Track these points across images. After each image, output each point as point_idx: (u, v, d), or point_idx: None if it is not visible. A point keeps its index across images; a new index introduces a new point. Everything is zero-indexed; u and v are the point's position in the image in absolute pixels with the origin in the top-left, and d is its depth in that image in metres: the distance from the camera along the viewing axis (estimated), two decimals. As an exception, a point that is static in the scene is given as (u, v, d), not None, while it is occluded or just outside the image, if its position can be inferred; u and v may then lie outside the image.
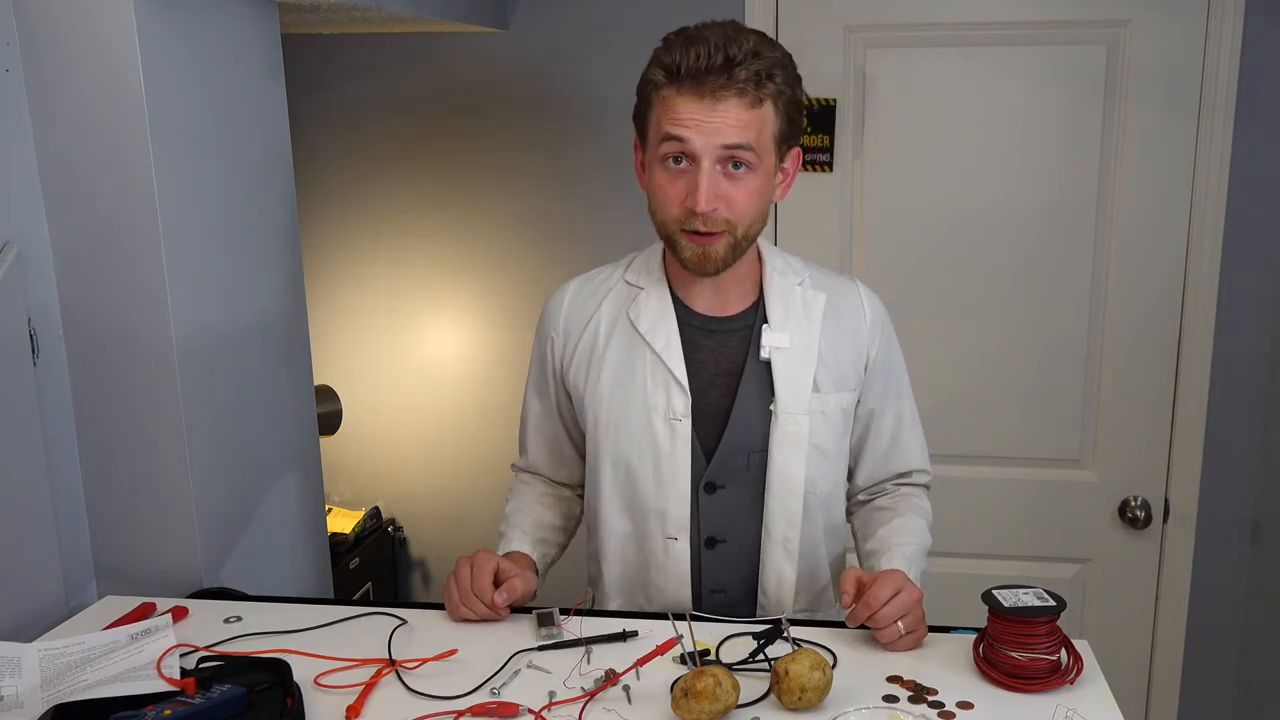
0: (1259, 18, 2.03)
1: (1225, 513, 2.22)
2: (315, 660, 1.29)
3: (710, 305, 1.43)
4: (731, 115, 1.27)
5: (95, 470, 1.56)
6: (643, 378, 1.42)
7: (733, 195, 1.31)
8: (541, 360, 1.53)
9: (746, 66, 1.27)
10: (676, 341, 1.41)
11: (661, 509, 1.42)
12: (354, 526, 2.45)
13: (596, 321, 1.46)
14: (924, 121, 2.18)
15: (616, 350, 1.44)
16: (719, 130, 1.27)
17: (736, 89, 1.27)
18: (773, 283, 1.44)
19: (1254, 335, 2.15)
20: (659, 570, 1.44)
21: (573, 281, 1.52)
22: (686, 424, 1.40)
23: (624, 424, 1.42)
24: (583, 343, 1.47)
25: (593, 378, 1.45)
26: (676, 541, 1.42)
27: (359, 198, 2.46)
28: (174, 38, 1.48)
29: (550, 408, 1.55)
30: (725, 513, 1.43)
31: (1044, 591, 1.25)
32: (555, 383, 1.52)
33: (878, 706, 1.17)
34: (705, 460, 1.41)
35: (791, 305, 1.43)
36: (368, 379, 2.54)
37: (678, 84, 1.29)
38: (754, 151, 1.29)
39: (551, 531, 1.56)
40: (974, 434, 2.28)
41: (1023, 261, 2.20)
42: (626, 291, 1.47)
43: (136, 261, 1.48)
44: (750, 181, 1.31)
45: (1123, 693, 1.71)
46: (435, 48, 2.34)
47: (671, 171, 1.32)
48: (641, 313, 1.43)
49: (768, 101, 1.30)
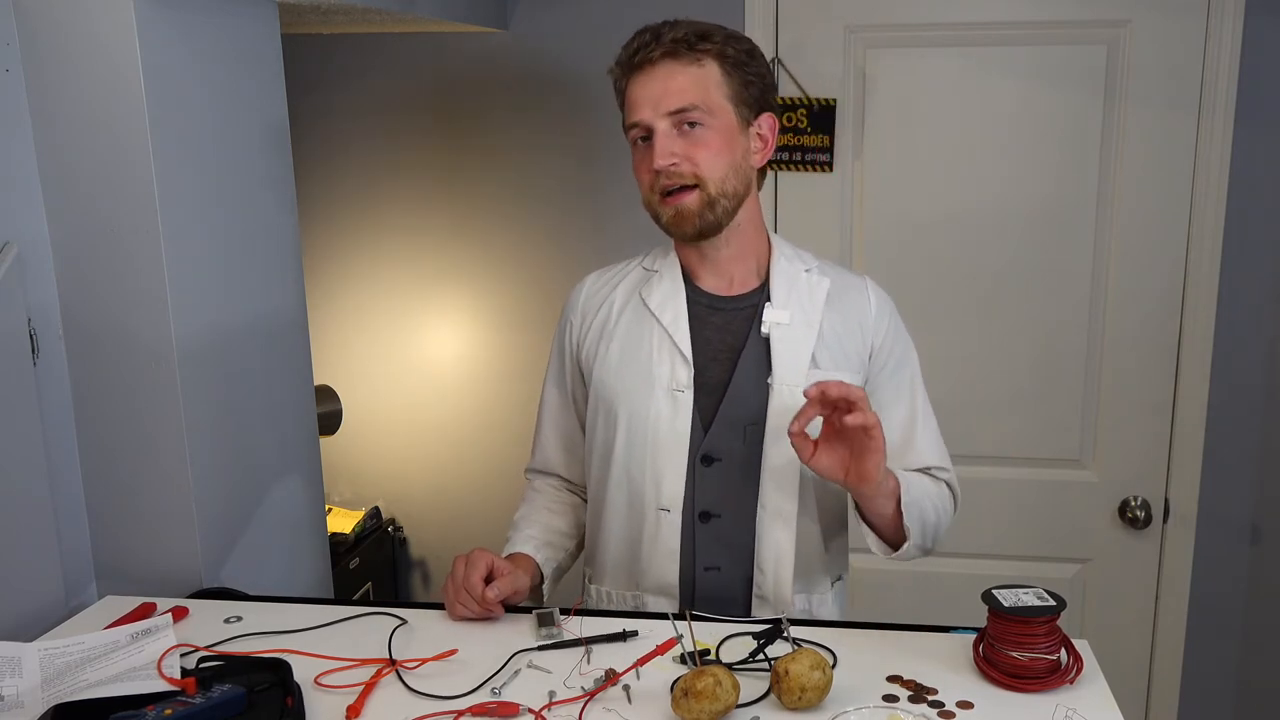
0: (1259, 18, 2.03)
1: (1225, 513, 2.22)
2: (315, 660, 1.29)
3: (717, 285, 1.48)
4: (670, 77, 1.36)
5: (95, 470, 1.56)
6: (648, 350, 1.46)
7: (692, 150, 1.37)
8: (560, 347, 1.58)
9: (677, 31, 1.37)
10: (684, 317, 1.46)
11: (657, 479, 1.44)
12: (354, 526, 2.45)
13: (611, 301, 1.52)
14: (924, 121, 2.18)
15: (627, 325, 1.49)
16: (663, 95, 1.36)
17: (666, 50, 1.36)
18: (779, 266, 1.48)
19: (1254, 335, 2.15)
20: (649, 543, 1.45)
21: (591, 274, 1.59)
22: (689, 395, 1.43)
23: (629, 395, 1.46)
24: (597, 320, 1.52)
25: (603, 350, 1.50)
26: (668, 514, 1.43)
27: (359, 197, 2.46)
28: (174, 38, 1.48)
29: (566, 397, 1.58)
30: (721, 486, 1.44)
31: (1044, 591, 1.24)
32: (571, 365, 1.56)
33: (878, 706, 1.17)
34: (704, 433, 1.43)
35: (796, 287, 1.47)
36: (368, 379, 2.54)
37: (627, 71, 1.40)
38: (701, 109, 1.36)
39: (559, 536, 1.56)
40: (974, 434, 2.28)
41: (1022, 261, 2.20)
42: (642, 275, 1.53)
43: (136, 261, 1.48)
44: (707, 136, 1.37)
45: (1123, 693, 1.71)
46: (435, 48, 2.34)
47: (641, 151, 1.41)
48: (654, 291, 1.49)
49: (708, 60, 1.37)
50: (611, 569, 1.51)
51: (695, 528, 1.44)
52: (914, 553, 1.39)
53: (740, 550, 1.44)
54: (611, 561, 1.51)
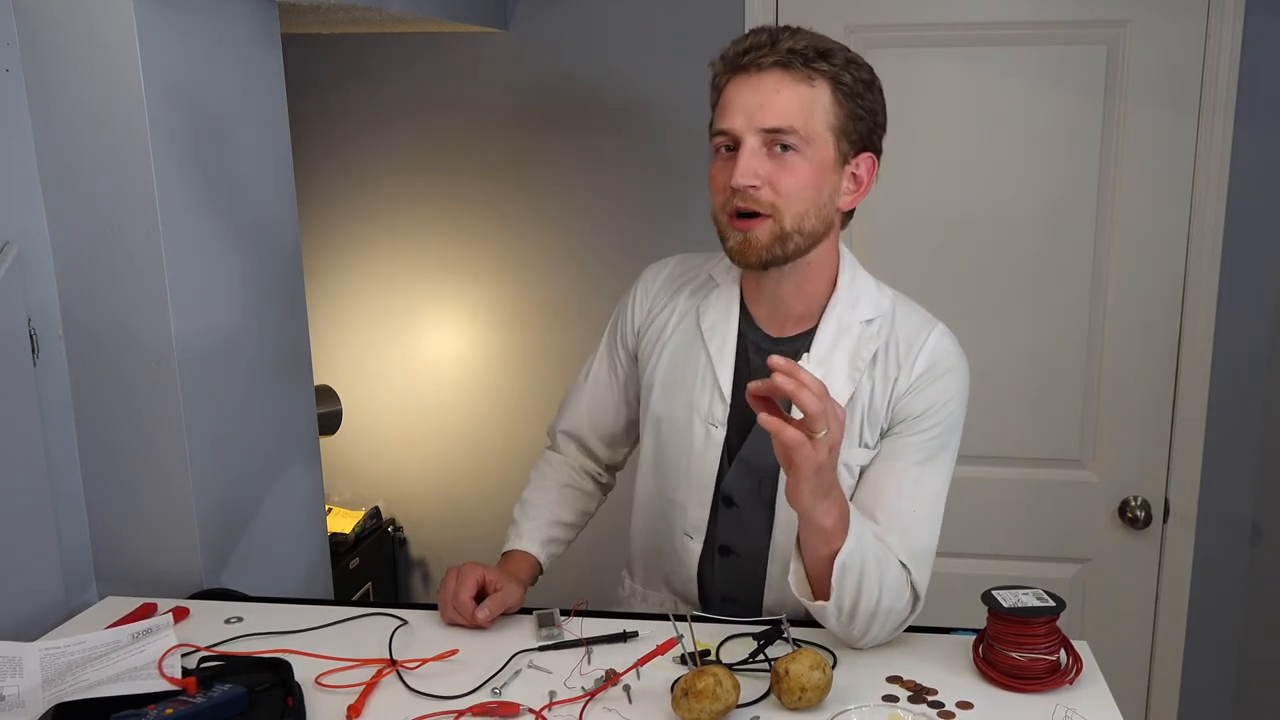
0: (1259, 17, 2.03)
1: (1225, 513, 2.22)
2: (316, 660, 1.29)
3: (769, 321, 1.39)
4: (774, 88, 1.24)
5: (95, 470, 1.56)
6: (693, 375, 1.41)
7: (777, 176, 1.25)
8: (621, 322, 1.53)
9: (795, 42, 1.25)
10: (731, 349, 1.39)
11: (684, 504, 1.42)
12: (354, 526, 2.45)
13: (673, 307, 1.46)
14: (924, 121, 2.18)
15: (678, 340, 1.44)
16: (762, 106, 1.24)
17: (779, 60, 1.24)
18: (833, 313, 1.36)
19: (1254, 335, 2.15)
20: (672, 559, 1.45)
21: (674, 259, 1.52)
22: (721, 432, 1.38)
23: (671, 416, 1.43)
24: (657, 322, 1.47)
25: (655, 360, 1.46)
26: (691, 540, 1.43)
27: (359, 197, 2.46)
28: (174, 38, 1.48)
29: (611, 373, 1.55)
30: (739, 527, 1.41)
31: (1044, 592, 1.25)
32: (624, 347, 1.52)
33: (877, 706, 1.17)
34: (727, 471, 1.41)
35: (842, 343, 1.35)
36: (368, 379, 2.54)
37: (730, 70, 1.28)
38: (800, 135, 1.24)
39: (563, 530, 1.56)
40: (974, 434, 2.25)
41: (1023, 261, 2.20)
42: (705, 284, 1.46)
43: (136, 261, 1.48)
44: (797, 164, 1.25)
45: (1123, 693, 1.71)
46: (435, 48, 2.34)
47: (722, 160, 1.30)
48: (709, 309, 1.42)
49: (820, 82, 1.26)
50: (644, 572, 1.52)
51: (715, 559, 1.43)
52: (834, 617, 1.24)
53: (753, 589, 1.42)
54: (642, 556, 1.52)
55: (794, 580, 1.25)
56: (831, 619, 1.25)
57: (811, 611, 1.26)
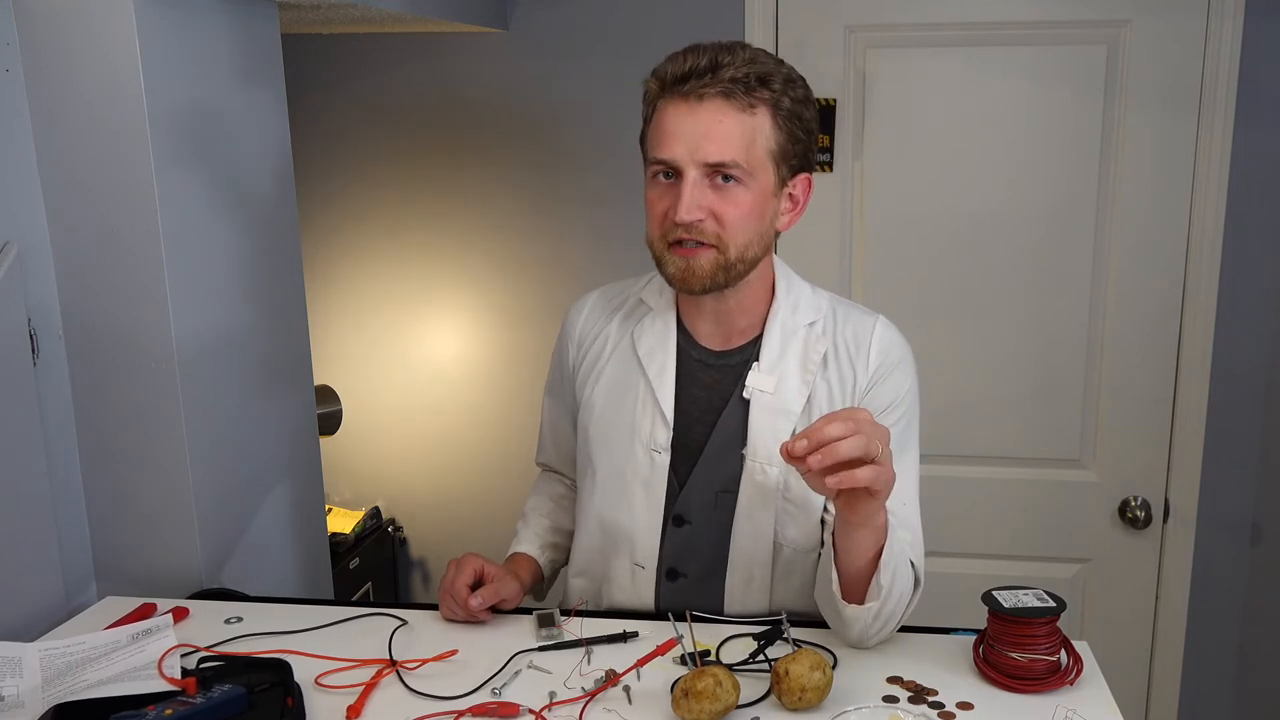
0: (1259, 18, 2.03)
1: (1225, 513, 2.22)
2: (316, 660, 1.29)
3: (712, 337, 1.38)
4: (716, 119, 1.22)
5: (95, 470, 1.56)
6: (633, 402, 1.39)
7: (720, 208, 1.24)
8: (559, 364, 1.52)
9: (735, 69, 1.22)
10: (671, 371, 1.38)
11: (631, 535, 1.39)
12: (354, 526, 2.45)
13: (605, 335, 1.45)
14: (924, 121, 2.18)
15: (615, 368, 1.42)
16: (705, 138, 1.22)
17: (722, 89, 1.21)
18: (776, 320, 1.36)
19: (1254, 335, 2.15)
20: (622, 591, 1.42)
21: (595, 292, 1.51)
22: (665, 457, 1.37)
23: (610, 444, 1.41)
24: (590, 354, 1.46)
25: (589, 390, 1.44)
26: (643, 569, 1.40)
27: (359, 197, 2.46)
28: (174, 38, 1.48)
29: (562, 412, 1.54)
30: (690, 548, 1.39)
31: (1044, 592, 1.25)
32: (567, 387, 1.51)
33: (878, 706, 1.17)
34: (679, 493, 1.38)
35: (790, 348, 1.36)
36: (368, 379, 2.54)
37: (667, 91, 1.25)
38: (743, 167, 1.23)
39: (563, 536, 1.56)
40: (974, 434, 2.28)
41: (1023, 261, 2.20)
42: (638, 309, 1.44)
43: (136, 261, 1.48)
44: (740, 195, 1.24)
45: (1123, 693, 1.71)
46: (435, 48, 2.34)
47: (660, 187, 1.28)
48: (644, 334, 1.41)
49: (761, 109, 1.23)
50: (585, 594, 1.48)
51: (661, 584, 1.40)
52: (868, 616, 1.24)
53: (708, 610, 1.37)
54: (586, 588, 1.47)
55: (836, 590, 1.24)
56: (866, 619, 1.24)
57: (842, 617, 1.26)
